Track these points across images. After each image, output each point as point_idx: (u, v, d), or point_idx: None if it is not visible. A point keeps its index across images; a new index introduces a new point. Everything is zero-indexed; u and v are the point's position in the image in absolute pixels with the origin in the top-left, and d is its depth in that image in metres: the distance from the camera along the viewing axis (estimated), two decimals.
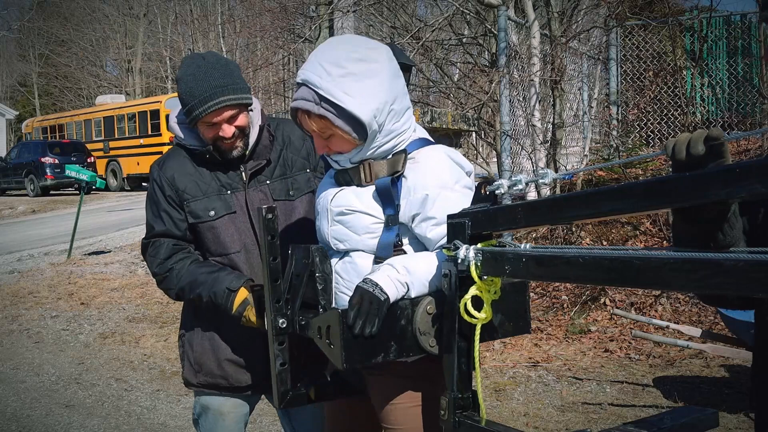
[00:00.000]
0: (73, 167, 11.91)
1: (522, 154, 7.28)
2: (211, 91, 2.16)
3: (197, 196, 2.29)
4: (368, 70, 1.79)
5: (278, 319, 1.85)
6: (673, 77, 8.54)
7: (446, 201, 1.80)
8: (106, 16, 41.01)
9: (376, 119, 1.80)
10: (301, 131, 2.27)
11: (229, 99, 2.18)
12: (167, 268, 2.29)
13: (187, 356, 2.42)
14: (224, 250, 2.30)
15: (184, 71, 2.22)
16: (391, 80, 1.83)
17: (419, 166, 1.86)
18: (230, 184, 2.31)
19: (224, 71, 2.20)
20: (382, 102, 1.80)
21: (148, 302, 7.99)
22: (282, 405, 1.90)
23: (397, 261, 1.78)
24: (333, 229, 1.92)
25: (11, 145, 31.66)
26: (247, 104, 2.26)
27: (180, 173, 2.31)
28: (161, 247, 2.31)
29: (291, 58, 25.20)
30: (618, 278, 1.19)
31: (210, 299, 2.20)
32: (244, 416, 2.46)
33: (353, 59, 1.79)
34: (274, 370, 1.87)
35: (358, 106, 1.77)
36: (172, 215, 2.30)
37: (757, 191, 1.07)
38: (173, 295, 2.32)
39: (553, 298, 6.45)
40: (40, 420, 4.78)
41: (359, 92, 1.78)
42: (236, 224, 2.30)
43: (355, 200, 1.88)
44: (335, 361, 1.70)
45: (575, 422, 4.24)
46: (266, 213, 1.84)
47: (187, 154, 2.33)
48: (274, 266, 1.85)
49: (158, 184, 2.32)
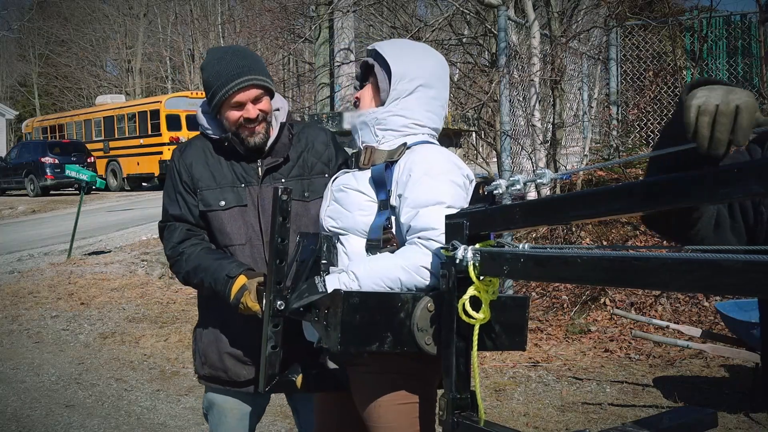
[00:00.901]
0: (73, 167, 11.91)
1: (522, 154, 7.28)
2: (237, 70, 2.23)
3: (211, 186, 2.33)
4: (420, 51, 2.05)
5: (277, 300, 1.86)
6: (673, 77, 8.54)
7: (426, 186, 1.86)
8: (106, 16, 41.02)
9: (402, 81, 1.96)
10: (324, 137, 2.44)
11: (255, 78, 2.24)
12: (179, 252, 2.33)
13: (197, 347, 2.47)
14: (229, 241, 2.33)
15: (210, 58, 2.31)
16: (434, 75, 2.01)
17: (413, 154, 1.94)
18: (245, 178, 2.35)
19: (248, 54, 2.31)
20: (413, 73, 1.97)
21: (148, 302, 7.99)
22: (266, 388, 1.90)
23: (353, 266, 1.90)
24: (329, 208, 2.02)
25: (11, 145, 31.67)
26: (270, 90, 2.32)
27: (198, 161, 2.36)
28: (175, 231, 2.36)
29: (291, 58, 25.20)
30: (616, 278, 1.19)
31: (210, 285, 2.24)
32: (247, 415, 2.45)
33: (420, 45, 2.10)
34: (264, 351, 1.87)
35: (395, 60, 1.98)
36: (187, 200, 2.35)
37: (755, 192, 1.07)
38: (181, 278, 2.37)
39: (553, 298, 6.45)
40: (40, 420, 4.78)
41: (402, 54, 2.00)
42: (245, 218, 2.33)
43: (352, 180, 1.99)
44: (331, 343, 1.69)
45: (575, 422, 4.24)
46: (281, 193, 1.87)
47: (209, 143, 2.38)
48: (281, 247, 1.86)
49: (176, 169, 2.38)
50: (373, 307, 1.69)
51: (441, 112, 2.04)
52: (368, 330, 1.68)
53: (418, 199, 1.85)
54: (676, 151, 1.19)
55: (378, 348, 1.71)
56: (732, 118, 1.08)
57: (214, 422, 2.47)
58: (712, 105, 1.11)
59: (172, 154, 2.47)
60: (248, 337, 2.31)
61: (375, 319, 1.68)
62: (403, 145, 1.95)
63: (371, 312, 1.68)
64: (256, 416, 2.49)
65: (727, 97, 1.10)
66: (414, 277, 1.80)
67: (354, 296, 1.68)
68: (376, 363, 1.88)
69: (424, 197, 1.85)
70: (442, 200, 1.84)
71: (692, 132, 1.11)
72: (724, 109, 1.09)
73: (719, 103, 1.10)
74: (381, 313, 1.69)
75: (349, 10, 10.96)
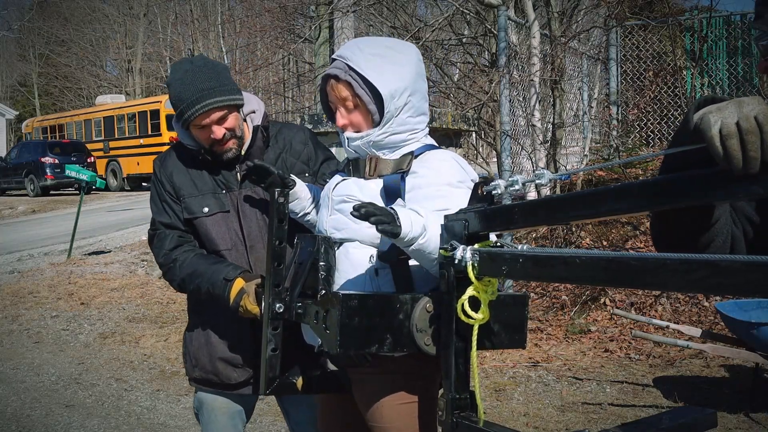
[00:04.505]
0: (73, 167, 11.91)
1: (522, 154, 7.28)
2: (198, 94, 2.21)
3: (193, 194, 2.35)
4: (396, 57, 1.93)
5: (275, 303, 1.86)
6: (673, 77, 8.54)
7: (449, 196, 1.85)
8: (106, 16, 41.01)
9: (393, 100, 1.90)
10: (302, 136, 2.33)
11: (216, 101, 2.23)
12: (171, 259, 2.33)
13: (188, 351, 2.48)
14: (215, 247, 2.34)
15: (173, 76, 2.27)
16: (415, 75, 1.95)
17: (426, 165, 1.91)
18: (225, 184, 2.36)
19: (211, 74, 2.24)
20: (402, 87, 1.91)
21: (148, 302, 7.99)
22: (267, 391, 1.90)
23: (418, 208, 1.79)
24: (332, 218, 1.97)
25: (11, 145, 31.66)
26: (237, 105, 2.30)
27: (178, 171, 2.38)
28: (166, 238, 2.36)
29: (291, 58, 25.21)
30: (616, 278, 1.18)
31: (208, 291, 2.25)
32: (237, 414, 2.47)
33: (385, 46, 1.96)
34: (264, 354, 1.87)
35: (380, 81, 1.89)
36: (174, 209, 2.36)
37: (755, 193, 1.06)
38: (176, 285, 2.37)
39: (553, 298, 6.45)
40: (40, 420, 4.78)
41: (383, 70, 1.90)
42: (228, 223, 2.34)
43: (356, 190, 1.93)
44: (330, 345, 1.69)
45: (575, 422, 4.24)
46: (278, 196, 1.86)
47: (186, 152, 2.39)
48: (278, 250, 1.86)
49: (159, 179, 2.40)
50: (372, 308, 1.68)
51: (427, 104, 2.01)
52: (367, 332, 1.68)
53: (443, 207, 1.78)
54: (677, 151, 1.19)
55: (377, 349, 1.71)
56: (758, 133, 1.04)
57: (204, 421, 2.49)
58: (732, 125, 1.05)
59: (153, 164, 2.48)
60: (239, 341, 2.34)
61: (374, 320, 1.68)
62: (409, 154, 1.93)
63: (370, 313, 1.68)
64: (246, 414, 2.52)
65: (742, 112, 1.05)
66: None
67: (352, 298, 1.67)
68: (378, 363, 1.87)
69: (452, 205, 1.81)
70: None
71: (723, 159, 1.05)
72: (748, 127, 1.04)
73: (738, 121, 1.05)
74: (380, 314, 1.69)
75: (349, 10, 10.94)
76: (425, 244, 1.71)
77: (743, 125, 1.04)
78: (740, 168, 1.04)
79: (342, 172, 2.05)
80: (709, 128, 1.08)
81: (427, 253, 1.73)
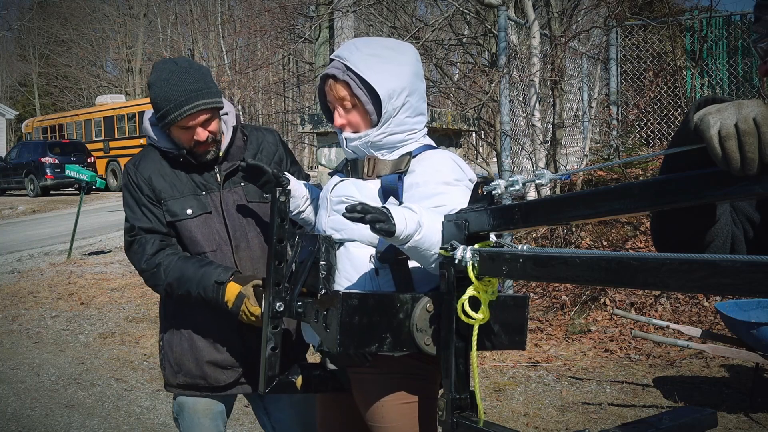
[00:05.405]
0: (73, 167, 11.92)
1: (522, 154, 7.28)
2: (186, 95, 2.19)
3: (174, 196, 2.31)
4: (394, 57, 1.93)
5: (276, 302, 1.85)
6: (673, 77, 8.54)
7: (446, 193, 1.85)
8: (106, 16, 41.00)
9: (391, 100, 1.90)
10: (272, 138, 2.42)
11: (204, 103, 2.21)
12: (155, 264, 2.28)
13: (167, 358, 2.43)
14: (200, 249, 2.32)
15: (157, 76, 2.23)
16: (413, 75, 1.95)
17: (424, 164, 1.91)
18: (205, 185, 2.34)
19: (197, 75, 2.23)
20: (400, 87, 1.91)
21: (148, 302, 7.99)
22: (267, 390, 1.90)
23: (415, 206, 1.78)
24: (331, 219, 1.97)
25: (11, 145, 31.65)
26: (219, 108, 2.30)
27: (156, 174, 2.33)
28: (147, 243, 2.31)
29: (291, 58, 25.20)
30: (616, 279, 1.18)
31: (200, 295, 2.21)
32: (219, 414, 2.45)
33: (383, 46, 1.97)
34: (264, 353, 1.87)
35: (378, 81, 1.89)
36: (155, 212, 2.32)
37: (755, 192, 1.06)
38: (161, 291, 2.32)
39: (553, 298, 6.45)
40: (40, 420, 4.78)
41: (381, 70, 1.90)
42: (210, 224, 2.32)
43: (355, 191, 1.94)
44: (330, 344, 1.69)
45: (575, 422, 4.24)
46: (279, 195, 1.86)
47: (161, 155, 2.35)
48: (280, 249, 1.86)
49: (135, 183, 2.34)
50: (372, 307, 1.68)
51: (425, 105, 2.01)
52: (367, 331, 1.67)
53: (443, 204, 1.81)
54: (677, 151, 1.19)
55: (377, 349, 1.70)
56: (756, 135, 1.04)
57: (185, 426, 2.44)
58: (731, 127, 1.06)
59: (125, 168, 2.41)
60: (225, 342, 2.32)
61: (374, 320, 1.68)
62: (407, 155, 1.93)
63: (370, 313, 1.68)
64: (227, 413, 2.50)
65: (741, 114, 1.06)
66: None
67: (353, 297, 1.67)
68: (378, 363, 1.87)
69: (450, 204, 1.81)
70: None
71: (721, 160, 1.06)
72: (746, 128, 1.05)
73: (737, 122, 1.06)
74: (380, 313, 1.69)
75: (349, 10, 10.94)
76: (421, 241, 1.71)
77: (741, 127, 1.05)
78: (738, 169, 1.05)
79: (340, 173, 2.05)
80: (708, 129, 1.09)
81: (424, 250, 1.73)
